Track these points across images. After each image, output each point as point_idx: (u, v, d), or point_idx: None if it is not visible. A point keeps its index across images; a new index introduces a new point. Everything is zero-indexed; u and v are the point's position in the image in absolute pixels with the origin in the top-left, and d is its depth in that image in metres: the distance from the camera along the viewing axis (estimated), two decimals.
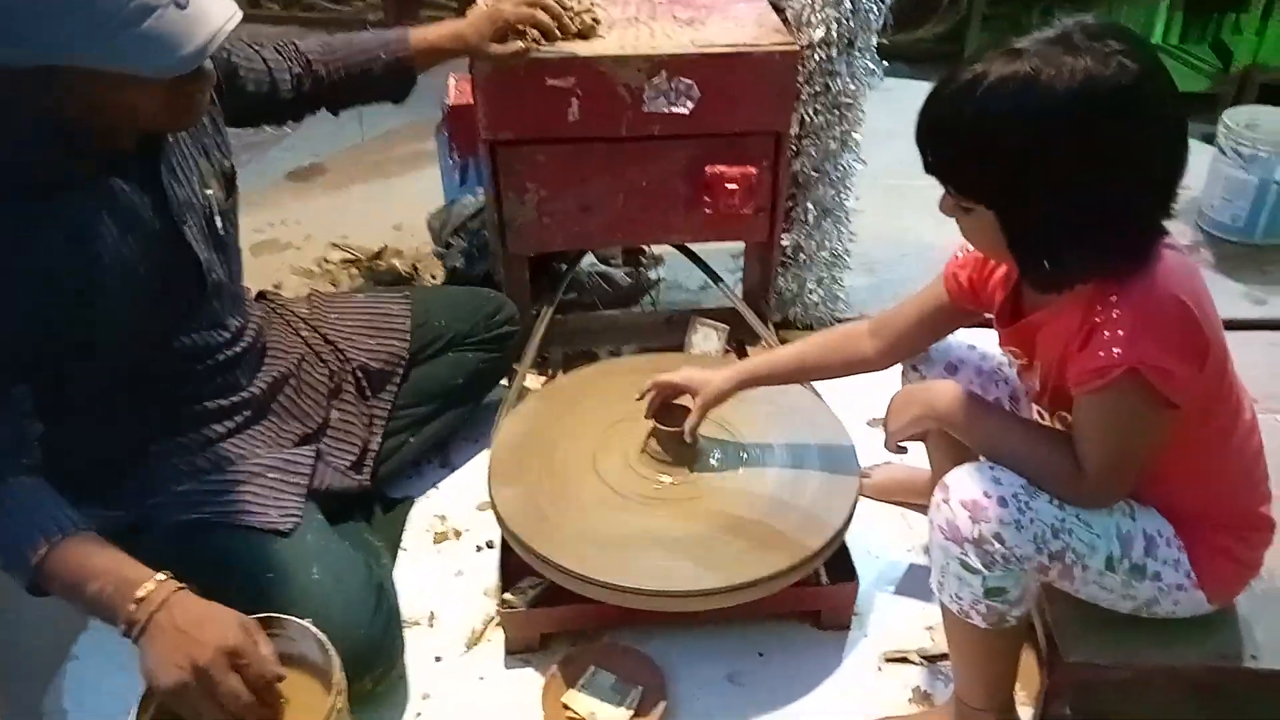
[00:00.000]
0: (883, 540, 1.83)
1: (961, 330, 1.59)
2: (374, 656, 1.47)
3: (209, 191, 1.49)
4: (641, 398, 1.65)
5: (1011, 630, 1.32)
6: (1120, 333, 1.14)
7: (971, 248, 1.37)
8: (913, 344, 1.58)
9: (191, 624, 1.20)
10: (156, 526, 1.46)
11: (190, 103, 1.32)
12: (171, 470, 1.50)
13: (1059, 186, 1.11)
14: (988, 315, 1.46)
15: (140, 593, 1.21)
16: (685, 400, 1.64)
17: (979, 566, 1.25)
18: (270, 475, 1.52)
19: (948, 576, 1.29)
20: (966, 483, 1.27)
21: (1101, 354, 1.15)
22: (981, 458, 1.34)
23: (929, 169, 1.20)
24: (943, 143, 1.17)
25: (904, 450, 1.48)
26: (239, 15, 1.25)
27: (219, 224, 1.51)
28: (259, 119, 1.74)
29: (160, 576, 1.24)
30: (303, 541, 1.48)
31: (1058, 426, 1.34)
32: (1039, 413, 1.39)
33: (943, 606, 1.35)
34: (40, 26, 1.14)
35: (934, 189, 1.22)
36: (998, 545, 1.23)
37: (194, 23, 1.19)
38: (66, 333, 1.32)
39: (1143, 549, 1.28)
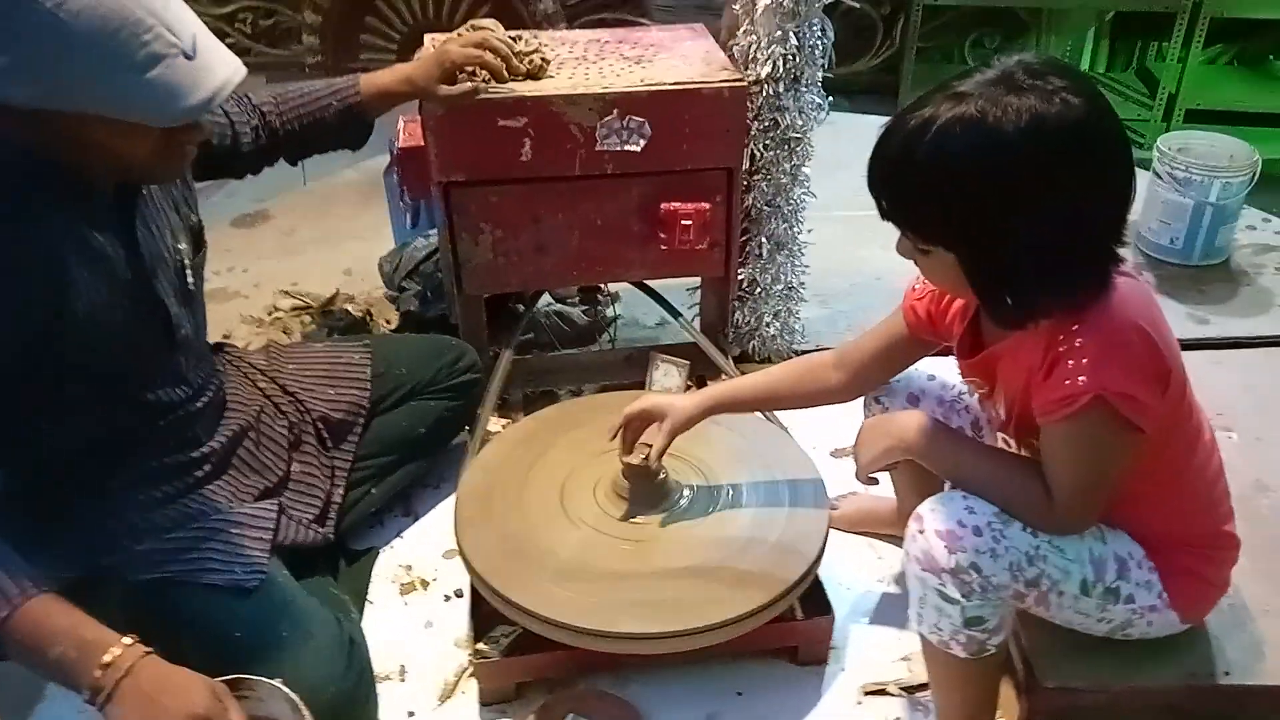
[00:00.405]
0: (853, 571, 1.83)
1: (923, 361, 1.60)
2: (348, 714, 1.42)
3: (180, 246, 1.47)
4: (614, 436, 1.63)
5: (991, 658, 1.33)
6: (1084, 361, 1.15)
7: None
8: (876, 375, 1.59)
9: (160, 690, 1.16)
10: (112, 586, 1.40)
11: (180, 153, 1.31)
12: (129, 527, 1.44)
13: (1016, 224, 1.13)
14: (947, 345, 1.48)
15: (106, 657, 1.16)
16: (652, 430, 1.62)
17: (957, 596, 1.25)
18: (233, 531, 1.48)
19: (926, 607, 1.30)
20: (941, 513, 1.27)
21: (1067, 382, 1.16)
22: (951, 487, 1.35)
23: (884, 215, 1.21)
24: (897, 189, 1.18)
25: (875, 481, 1.49)
26: (244, 71, 1.26)
27: (189, 279, 1.49)
28: (220, 172, 1.72)
29: (126, 640, 1.19)
30: (269, 598, 1.44)
31: (1025, 455, 1.35)
32: (1004, 441, 1.41)
33: (922, 638, 1.35)
34: (51, 69, 1.13)
35: (881, 219, 1.23)
36: (975, 575, 1.24)
37: (201, 73, 1.19)
38: (31, 374, 1.28)
39: (1115, 572, 1.30)
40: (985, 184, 1.11)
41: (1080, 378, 1.15)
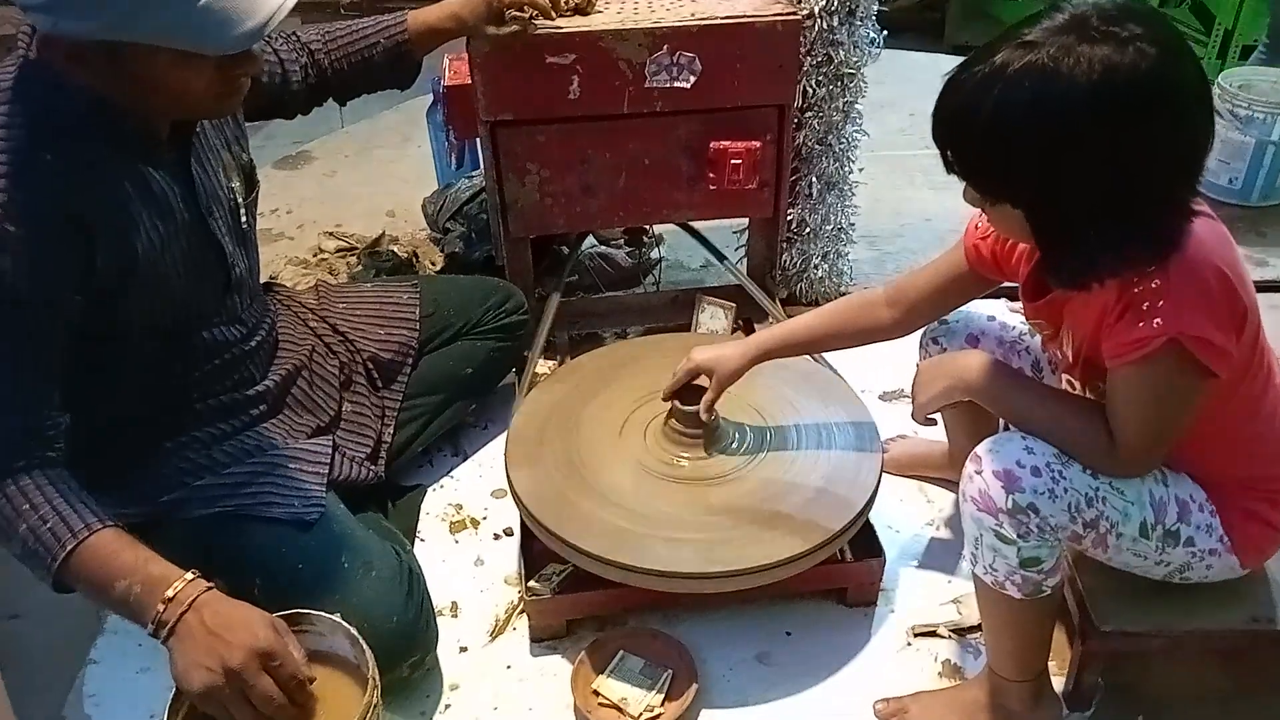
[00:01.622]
0: (903, 515, 1.82)
1: (981, 301, 1.58)
2: (410, 644, 1.45)
3: (233, 185, 1.47)
4: (668, 398, 1.63)
5: (1046, 600, 1.31)
6: (1160, 303, 1.12)
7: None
8: (929, 312, 1.56)
9: (222, 625, 1.18)
10: (175, 522, 1.43)
11: (235, 85, 1.30)
12: (189, 465, 1.47)
13: (1084, 182, 1.09)
14: (1007, 285, 1.45)
15: (169, 592, 1.19)
16: (703, 380, 1.61)
17: (1014, 537, 1.24)
18: (290, 466, 1.49)
19: (982, 548, 1.29)
20: (999, 453, 1.26)
21: (1141, 325, 1.13)
22: (1008, 428, 1.33)
23: (950, 169, 1.17)
24: (961, 143, 1.14)
25: (933, 422, 1.47)
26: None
27: (242, 217, 1.49)
28: (271, 111, 1.71)
29: (188, 575, 1.22)
30: (329, 531, 1.45)
31: (1089, 397, 1.33)
32: (1068, 383, 1.38)
33: (976, 579, 1.34)
34: None
35: (930, 158, 1.19)
36: (1033, 515, 1.23)
37: (253, 1, 1.18)
38: (96, 313, 1.29)
39: (1176, 515, 1.28)
40: (1053, 140, 1.07)
41: (1156, 320, 1.12)
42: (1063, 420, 1.27)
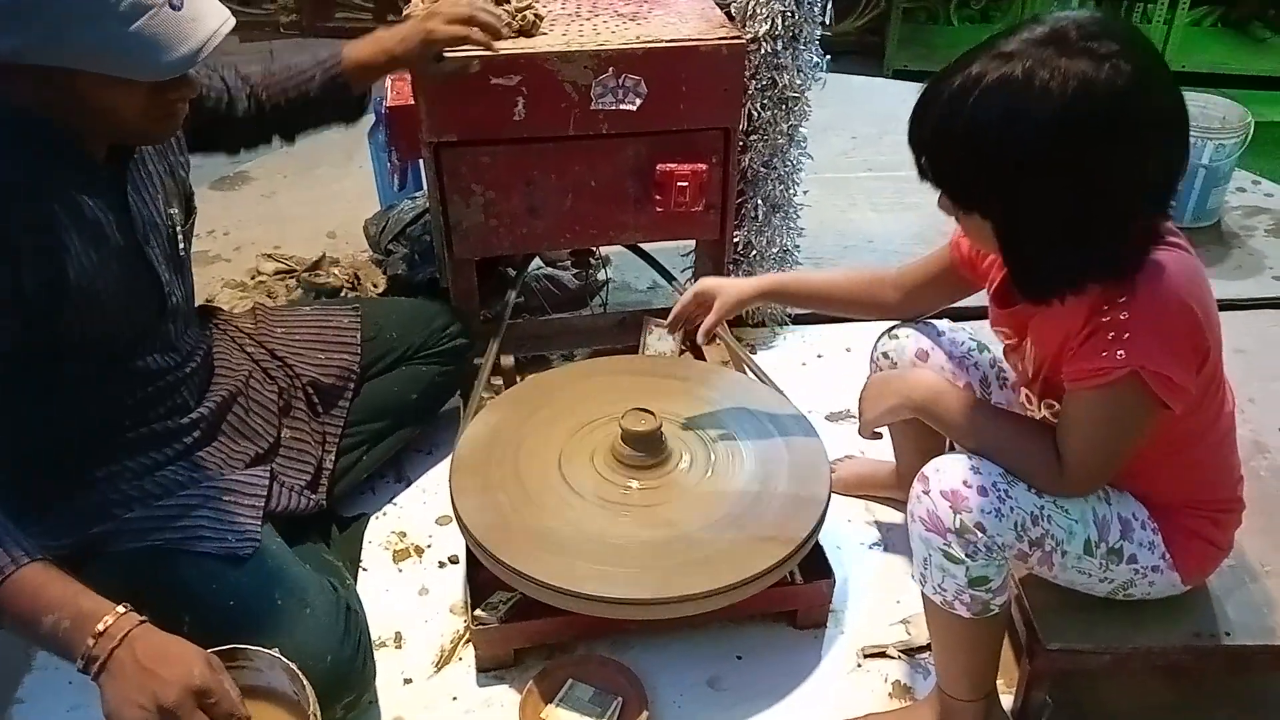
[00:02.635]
0: (851, 535, 1.83)
1: (931, 317, 1.61)
2: (346, 683, 1.40)
3: (172, 211, 1.43)
4: (672, 327, 1.67)
5: (994, 619, 1.32)
6: (1125, 335, 1.13)
7: None
8: (928, 300, 1.59)
9: (155, 660, 1.13)
10: (104, 556, 1.38)
11: (171, 110, 1.27)
12: (119, 496, 1.41)
13: (1046, 202, 1.10)
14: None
15: (100, 626, 1.14)
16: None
17: (962, 556, 1.25)
18: (225, 499, 1.44)
19: (930, 568, 1.29)
20: (946, 473, 1.27)
21: (1104, 355, 1.14)
22: (954, 448, 1.34)
23: (923, 176, 1.18)
24: (936, 150, 1.15)
25: (879, 437, 1.48)
26: (232, 21, 1.22)
27: (180, 244, 1.45)
28: (214, 143, 1.66)
29: (120, 609, 1.16)
30: (263, 566, 1.41)
31: (1044, 415, 1.34)
32: (1026, 398, 1.39)
33: (925, 599, 1.35)
34: (35, 18, 1.11)
35: (872, 180, 1.21)
36: (980, 534, 1.23)
37: (187, 25, 1.15)
38: (30, 351, 1.26)
39: (1119, 532, 1.29)
40: (1021, 156, 1.07)
41: (1119, 351, 1.13)
42: (1009, 440, 1.28)
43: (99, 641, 1.14)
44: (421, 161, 1.96)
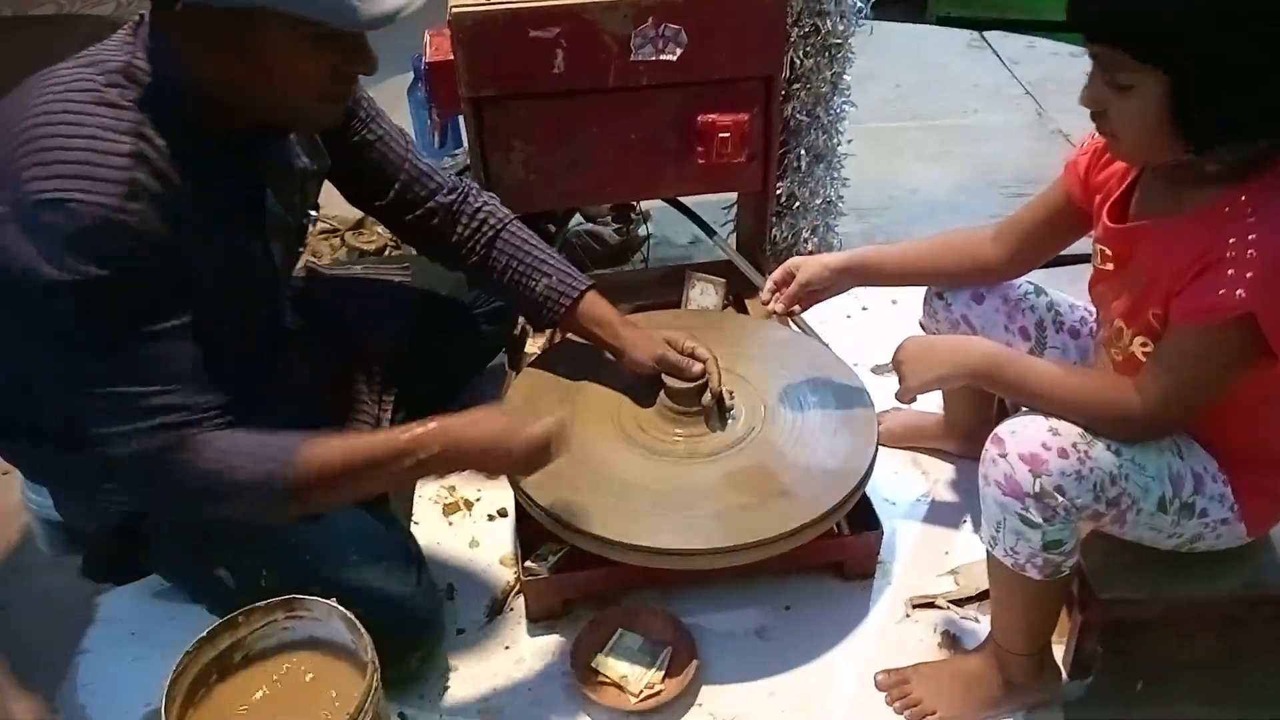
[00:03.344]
0: (899, 487, 1.82)
1: None
2: (424, 632, 1.44)
3: (309, 211, 1.48)
4: (768, 300, 1.62)
5: (1064, 579, 1.30)
6: (1248, 274, 1.08)
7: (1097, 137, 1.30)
8: (1035, 250, 1.51)
9: (486, 441, 1.30)
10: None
11: (345, 89, 1.28)
12: None
13: (1242, 37, 1.03)
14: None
15: (421, 454, 1.25)
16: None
17: (1039, 521, 1.21)
18: None
19: (1004, 531, 1.25)
20: (1023, 435, 1.22)
21: (1221, 292, 1.10)
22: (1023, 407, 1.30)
23: (1093, 34, 1.11)
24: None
25: (914, 400, 1.44)
26: None
27: (302, 245, 1.52)
28: (414, 238, 1.69)
29: (415, 426, 1.28)
30: (336, 522, 1.42)
31: (1135, 350, 1.27)
32: (1116, 331, 1.31)
33: (992, 560, 1.31)
34: None
35: (917, 129, 1.18)
36: (1060, 498, 1.19)
37: None
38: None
39: (1192, 487, 1.26)
40: None
41: (1239, 291, 1.08)
42: (1079, 390, 1.24)
43: (428, 457, 1.26)
44: (461, 117, 1.95)
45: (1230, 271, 1.09)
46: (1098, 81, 1.14)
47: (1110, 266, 1.32)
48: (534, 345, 2.05)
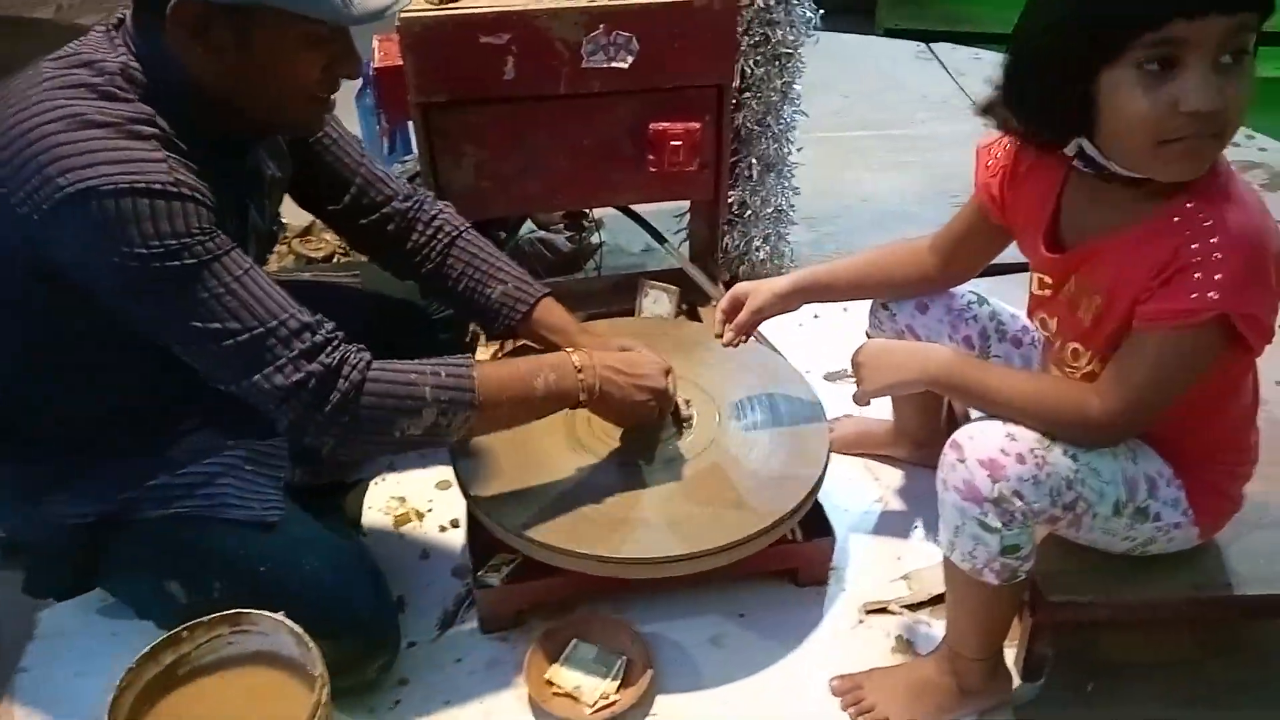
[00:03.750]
0: (851, 493, 1.83)
1: None
2: (383, 643, 1.42)
3: (274, 224, 1.49)
4: (719, 332, 1.63)
5: (1019, 584, 1.31)
6: (1217, 276, 1.09)
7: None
8: (970, 258, 1.52)
9: (629, 365, 1.47)
10: (130, 526, 1.37)
11: (332, 92, 1.31)
12: (143, 464, 1.40)
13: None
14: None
15: (577, 363, 1.41)
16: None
17: (998, 525, 1.22)
18: (247, 468, 1.43)
19: (962, 536, 1.26)
20: (981, 440, 1.22)
21: (1194, 295, 1.10)
22: (975, 413, 1.31)
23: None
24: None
25: (869, 404, 1.45)
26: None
27: (269, 252, 1.53)
28: (368, 246, 1.68)
29: (569, 352, 1.44)
30: (289, 532, 1.40)
31: (1091, 368, 1.29)
32: (1073, 352, 1.31)
33: (949, 564, 1.32)
34: None
35: (866, 138, 1.20)
36: (1018, 502, 1.20)
37: None
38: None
39: (1146, 491, 1.28)
40: None
41: (1211, 293, 1.09)
42: (1037, 396, 1.24)
43: (584, 374, 1.40)
44: (410, 124, 1.93)
45: (1198, 275, 1.10)
46: (1211, 74, 1.03)
47: (1048, 293, 1.33)
48: (484, 353, 2.03)
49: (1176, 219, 1.14)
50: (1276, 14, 1.07)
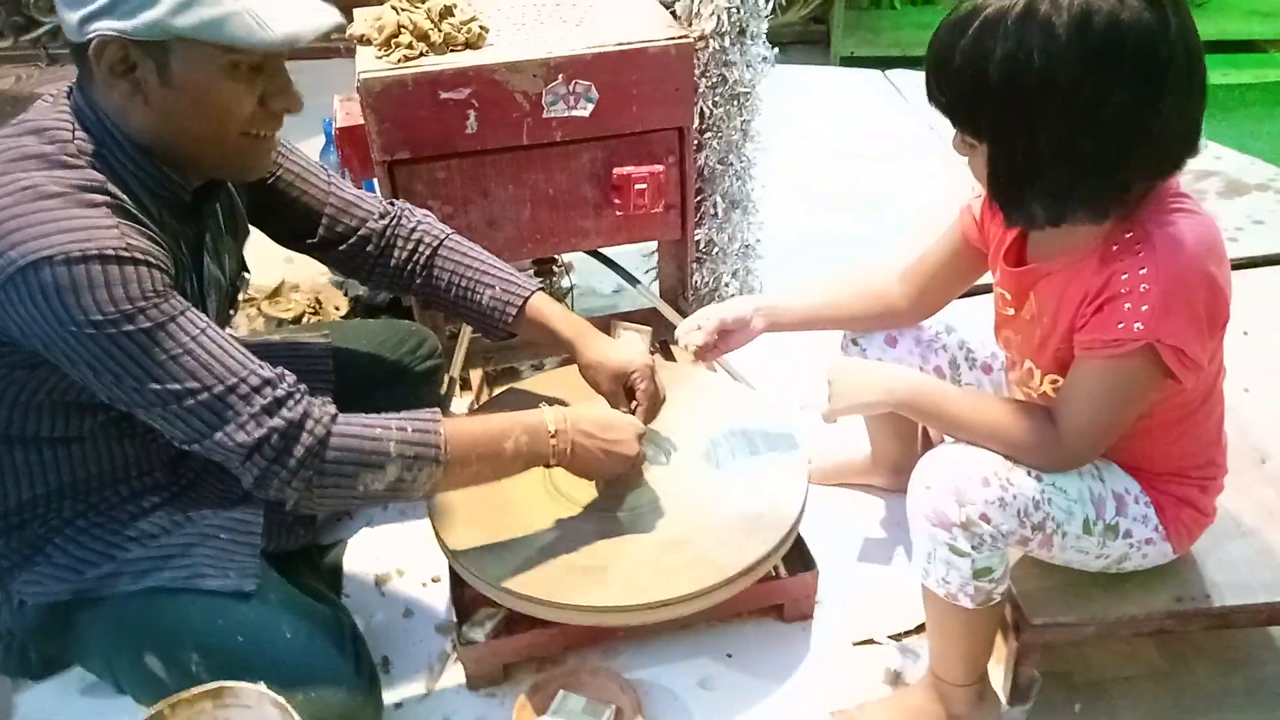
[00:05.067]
0: (831, 525, 1.83)
1: None
2: (362, 712, 1.39)
3: (236, 279, 1.49)
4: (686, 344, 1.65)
5: (995, 607, 1.32)
6: (1144, 307, 1.12)
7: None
8: (942, 289, 1.54)
9: (605, 429, 1.44)
10: (101, 603, 1.36)
11: (273, 127, 1.31)
12: (116, 537, 1.39)
13: (1042, 123, 1.09)
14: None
15: (551, 428, 1.39)
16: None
17: (967, 549, 1.24)
18: (222, 536, 1.42)
19: (934, 562, 1.28)
20: (945, 466, 1.25)
21: (1120, 325, 1.13)
22: (944, 437, 1.33)
23: (934, 103, 1.17)
24: (943, 77, 1.15)
25: (837, 421, 1.46)
26: (341, 22, 1.27)
27: (231, 308, 1.51)
28: (354, 269, 1.67)
29: (545, 406, 1.43)
30: (267, 601, 1.39)
31: (1045, 389, 1.31)
32: (1027, 371, 1.35)
33: (926, 591, 1.33)
34: None
35: (830, 176, 1.21)
36: (985, 525, 1.22)
37: (296, 12, 1.20)
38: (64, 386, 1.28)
39: (1114, 509, 1.29)
40: (1017, 77, 1.07)
41: (1136, 324, 1.12)
42: (1000, 420, 1.27)
43: (557, 439, 1.39)
44: (376, 180, 1.94)
45: (1127, 306, 1.13)
46: (957, 136, 1.20)
47: (1011, 311, 1.36)
48: (459, 405, 2.03)
49: (1115, 247, 1.17)
50: (1220, 22, 1.11)
